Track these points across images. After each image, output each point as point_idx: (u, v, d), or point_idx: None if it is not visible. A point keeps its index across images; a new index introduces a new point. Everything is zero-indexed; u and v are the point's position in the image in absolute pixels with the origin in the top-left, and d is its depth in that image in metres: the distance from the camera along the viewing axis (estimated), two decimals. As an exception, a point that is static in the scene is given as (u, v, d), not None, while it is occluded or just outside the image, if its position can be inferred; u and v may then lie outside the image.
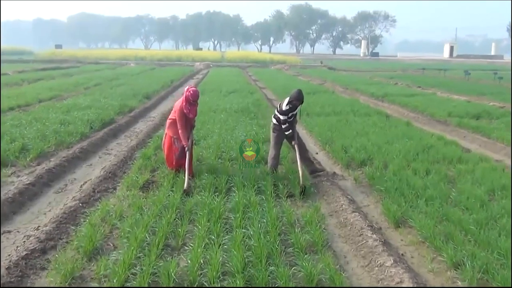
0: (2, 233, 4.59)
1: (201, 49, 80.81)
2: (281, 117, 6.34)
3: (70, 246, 4.22)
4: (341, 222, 5.04)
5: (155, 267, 3.69)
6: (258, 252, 3.89)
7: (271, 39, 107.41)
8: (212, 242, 4.15)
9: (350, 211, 5.16)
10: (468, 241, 4.30)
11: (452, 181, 6.26)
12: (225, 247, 4.10)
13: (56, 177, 6.49)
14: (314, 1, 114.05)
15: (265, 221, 4.64)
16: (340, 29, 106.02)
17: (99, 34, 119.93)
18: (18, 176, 6.37)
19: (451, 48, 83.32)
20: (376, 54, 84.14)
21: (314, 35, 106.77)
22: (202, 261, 3.79)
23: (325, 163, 7.50)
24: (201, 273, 3.66)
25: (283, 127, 6.36)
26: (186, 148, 6.08)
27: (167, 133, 6.35)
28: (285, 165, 6.84)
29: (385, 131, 9.61)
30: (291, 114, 6.38)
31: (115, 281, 3.53)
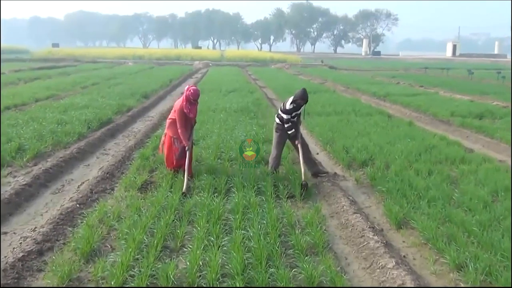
0: (-2, 235, 4.59)
1: (200, 47, 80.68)
2: (284, 116, 6.35)
3: (67, 247, 4.22)
4: (342, 224, 5.05)
5: (153, 269, 3.70)
6: (258, 254, 3.89)
7: (271, 37, 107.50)
8: (211, 243, 4.15)
9: (351, 212, 5.16)
10: (471, 243, 4.30)
11: (455, 182, 6.26)
12: (225, 248, 4.10)
13: (53, 177, 6.49)
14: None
15: (265, 222, 4.64)
16: (341, 27, 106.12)
17: (96, 32, 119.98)
18: (15, 177, 6.38)
19: (454, 47, 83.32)
20: (378, 53, 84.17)
21: (315, 33, 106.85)
22: (201, 263, 3.79)
23: (326, 163, 7.50)
24: (200, 275, 3.66)
25: (286, 126, 6.36)
26: (187, 147, 6.09)
27: (167, 133, 6.35)
28: (285, 165, 6.85)
29: (387, 131, 9.61)
30: (294, 114, 6.39)
31: (112, 283, 3.53)
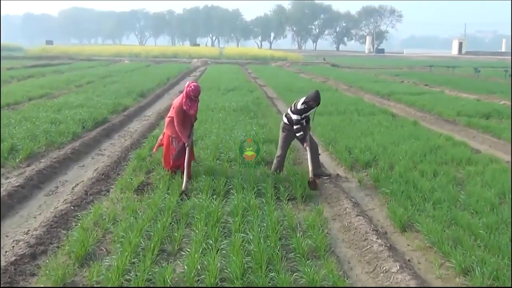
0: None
1: (198, 45, 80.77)
2: (294, 117, 6.36)
3: (61, 251, 4.21)
4: (344, 226, 5.04)
5: (150, 273, 3.69)
6: (258, 258, 3.89)
7: (272, 34, 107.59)
8: (210, 247, 4.15)
9: (354, 214, 5.16)
10: (478, 246, 4.30)
11: (461, 184, 6.26)
12: (224, 252, 4.10)
13: (47, 179, 6.48)
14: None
15: (265, 225, 4.64)
16: (344, 24, 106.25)
17: (91, 29, 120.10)
18: (7, 178, 6.36)
19: (460, 44, 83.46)
20: (381, 51, 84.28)
21: (317, 30, 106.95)
22: (199, 267, 3.79)
23: (328, 164, 7.51)
24: (198, 280, 3.67)
25: (295, 128, 6.36)
26: (186, 144, 6.08)
27: (165, 132, 6.35)
28: (286, 166, 6.84)
29: (391, 131, 9.62)
30: (304, 115, 6.40)
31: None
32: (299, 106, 6.36)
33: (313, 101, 6.32)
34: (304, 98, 6.40)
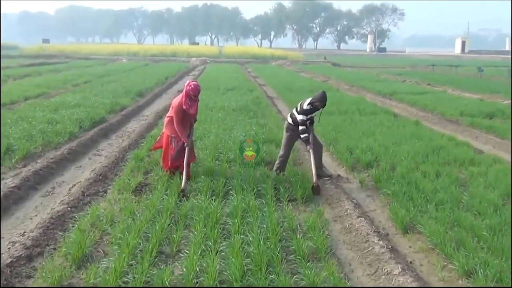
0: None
1: (197, 43, 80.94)
2: (300, 117, 6.36)
3: (57, 253, 4.22)
4: (345, 228, 5.05)
5: (148, 275, 3.70)
6: (258, 260, 3.89)
7: (272, 33, 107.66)
8: (209, 248, 4.15)
9: (356, 216, 5.17)
10: (481, 248, 4.30)
11: (464, 185, 6.26)
12: (223, 254, 4.10)
13: (43, 179, 6.48)
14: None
15: (265, 226, 4.64)
16: (345, 22, 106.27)
17: (89, 27, 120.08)
18: (3, 179, 6.36)
19: (463, 43, 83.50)
20: (383, 50, 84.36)
21: (318, 29, 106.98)
22: (198, 269, 3.79)
23: (329, 165, 7.51)
24: (197, 282, 3.67)
25: (300, 129, 6.36)
26: (186, 144, 6.08)
27: (164, 131, 6.35)
28: (287, 167, 6.84)
29: (392, 131, 9.62)
30: (310, 116, 6.41)
31: (105, 290, 3.54)
32: (305, 107, 6.35)
33: (319, 102, 6.32)
34: (311, 98, 6.40)
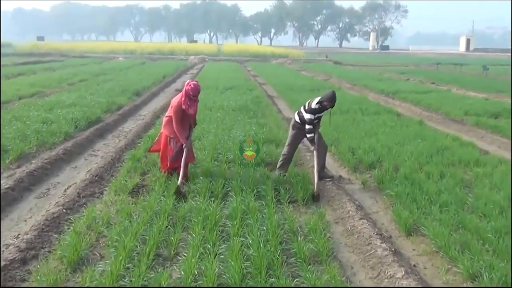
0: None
1: (196, 41, 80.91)
2: (307, 116, 6.35)
3: (53, 255, 4.22)
4: (347, 230, 5.05)
5: (145, 278, 3.70)
6: (258, 263, 3.90)
7: (272, 31, 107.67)
8: (208, 251, 4.15)
9: (358, 218, 5.17)
10: (486, 251, 4.30)
11: (469, 186, 6.26)
12: (222, 257, 4.10)
13: (38, 180, 6.48)
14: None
15: (265, 228, 4.64)
16: (347, 20, 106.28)
17: (84, 25, 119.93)
18: (-3, 180, 6.37)
19: (468, 41, 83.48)
20: (386, 48, 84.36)
21: (319, 26, 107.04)
22: (196, 272, 3.79)
23: (331, 165, 7.51)
24: (195, 285, 3.67)
25: (307, 128, 6.35)
26: (184, 145, 6.08)
27: (163, 132, 6.35)
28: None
29: (396, 131, 9.63)
30: (317, 115, 6.41)
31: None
32: (313, 105, 6.35)
33: (328, 101, 6.31)
34: (319, 97, 6.40)
